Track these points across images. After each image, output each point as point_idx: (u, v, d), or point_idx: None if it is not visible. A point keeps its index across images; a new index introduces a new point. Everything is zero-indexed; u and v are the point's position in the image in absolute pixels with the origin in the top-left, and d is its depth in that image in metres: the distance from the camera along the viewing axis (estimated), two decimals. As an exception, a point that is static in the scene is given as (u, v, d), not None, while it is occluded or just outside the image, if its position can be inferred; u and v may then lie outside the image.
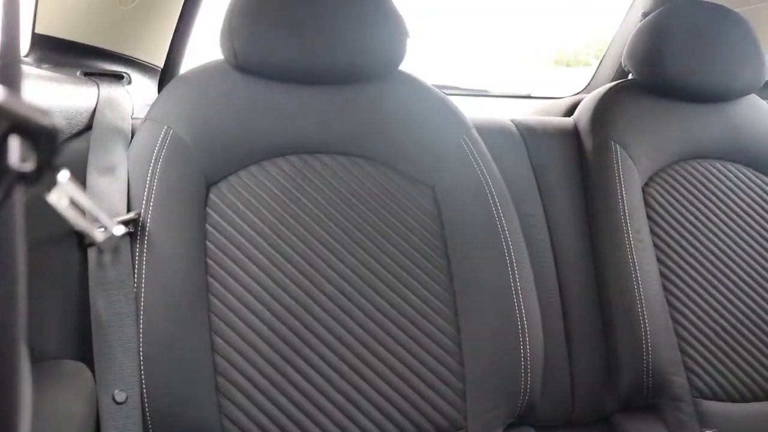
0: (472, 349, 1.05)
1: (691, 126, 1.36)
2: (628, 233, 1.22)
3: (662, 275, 1.24)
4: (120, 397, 0.89)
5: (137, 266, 0.95)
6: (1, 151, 0.32)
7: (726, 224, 1.31)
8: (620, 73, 1.77)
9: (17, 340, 0.35)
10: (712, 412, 1.19)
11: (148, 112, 1.06)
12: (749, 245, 1.31)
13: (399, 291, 1.06)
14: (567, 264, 1.27)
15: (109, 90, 1.15)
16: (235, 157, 1.05)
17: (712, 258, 1.28)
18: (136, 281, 0.94)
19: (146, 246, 0.96)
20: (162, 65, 1.37)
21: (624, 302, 1.19)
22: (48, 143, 0.33)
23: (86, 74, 1.19)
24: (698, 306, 1.24)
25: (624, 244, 1.21)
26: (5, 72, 0.36)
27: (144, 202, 0.98)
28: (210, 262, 1.00)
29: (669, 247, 1.27)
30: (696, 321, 1.23)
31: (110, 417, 0.88)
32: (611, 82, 1.45)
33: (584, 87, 1.90)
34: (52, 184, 0.78)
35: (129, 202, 0.99)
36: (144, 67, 1.31)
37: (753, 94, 1.44)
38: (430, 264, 1.09)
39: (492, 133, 1.27)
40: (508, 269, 1.08)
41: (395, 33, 1.12)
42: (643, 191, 1.29)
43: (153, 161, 1.00)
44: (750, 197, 1.35)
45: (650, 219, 1.27)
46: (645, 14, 1.63)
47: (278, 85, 1.10)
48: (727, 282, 1.27)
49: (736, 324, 1.25)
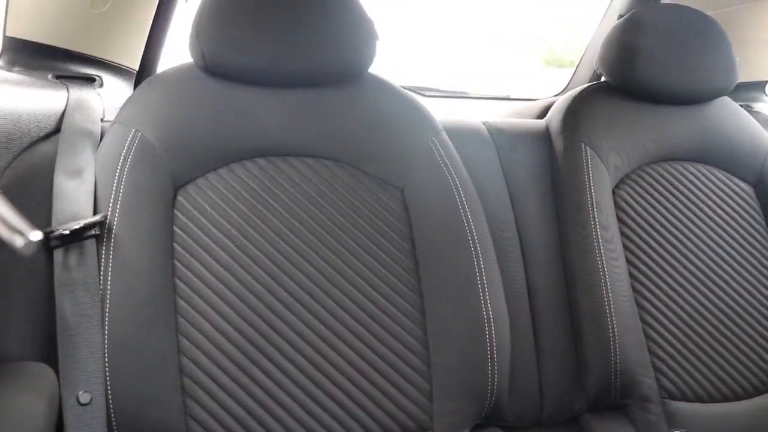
0: (439, 350, 1.06)
1: (663, 128, 1.36)
2: (597, 235, 1.22)
3: (632, 276, 1.25)
4: (84, 399, 0.89)
5: (103, 268, 0.95)
6: None
7: (697, 226, 1.32)
8: (597, 76, 1.78)
9: None
10: (681, 413, 1.20)
11: (117, 116, 1.07)
12: (720, 247, 1.32)
13: (366, 292, 1.07)
14: (536, 265, 1.27)
15: (80, 93, 1.15)
16: (203, 160, 1.06)
17: (683, 259, 1.29)
18: (102, 283, 0.94)
19: (112, 248, 0.96)
20: (137, 68, 1.37)
21: (592, 303, 1.20)
22: None
23: (58, 77, 1.19)
24: (667, 307, 1.25)
25: (592, 246, 1.22)
26: None
27: (110, 205, 0.98)
28: (177, 264, 1.00)
29: (639, 249, 1.27)
30: (665, 322, 1.24)
31: (74, 418, 0.88)
32: (583, 84, 1.45)
33: (562, 89, 1.91)
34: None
35: (96, 205, 0.99)
36: (118, 70, 1.31)
37: (725, 97, 1.44)
38: (398, 265, 1.09)
39: (462, 136, 1.28)
40: (476, 271, 1.09)
41: (364, 36, 1.13)
42: (614, 193, 1.29)
43: (120, 164, 1.01)
44: (721, 199, 1.36)
45: (620, 221, 1.28)
46: (621, 16, 1.64)
47: (247, 88, 1.10)
48: (697, 283, 1.28)
49: (706, 325, 1.25)
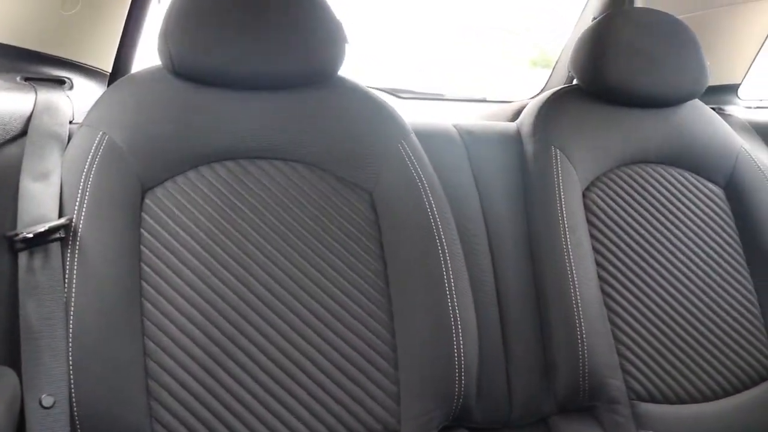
0: (407, 353, 1.06)
1: (634, 131, 1.37)
2: (566, 237, 1.23)
3: (601, 279, 1.26)
4: (47, 402, 0.89)
5: (68, 271, 0.95)
6: None
7: (667, 228, 1.33)
8: (572, 78, 1.79)
9: None
10: (649, 414, 1.21)
11: (84, 118, 1.07)
12: (690, 249, 1.33)
13: (334, 295, 1.07)
14: (505, 268, 1.27)
15: (48, 95, 1.15)
16: (172, 163, 1.06)
17: (652, 262, 1.29)
18: (67, 286, 0.94)
19: (77, 251, 0.96)
20: (110, 69, 1.37)
21: (560, 306, 1.21)
22: None
23: (27, 79, 1.19)
24: (636, 309, 1.26)
25: (561, 248, 1.22)
26: None
27: (76, 208, 0.98)
28: (144, 267, 1.00)
29: (609, 251, 1.28)
30: (634, 324, 1.25)
31: (37, 421, 0.88)
32: (555, 88, 1.46)
33: (539, 91, 1.92)
34: None
35: (62, 208, 0.99)
36: (90, 72, 1.31)
37: (696, 100, 1.45)
38: (367, 268, 1.10)
39: (432, 138, 1.28)
40: (444, 274, 1.09)
41: (333, 39, 1.13)
42: (584, 196, 1.30)
43: (87, 167, 1.01)
44: (692, 201, 1.37)
45: (590, 223, 1.29)
46: (595, 19, 1.65)
47: (215, 91, 1.10)
48: (667, 285, 1.29)
49: (675, 327, 1.26)
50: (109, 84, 1.36)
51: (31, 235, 0.93)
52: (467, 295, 1.11)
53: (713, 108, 1.65)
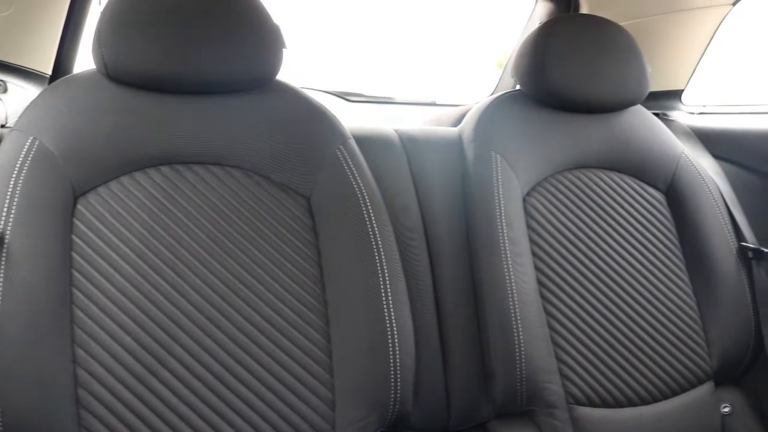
0: (342, 359, 1.06)
1: (576, 136, 1.38)
2: (504, 243, 1.23)
3: (541, 284, 1.26)
4: None
5: None
6: None
7: (607, 233, 1.34)
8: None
9: None
10: (586, 418, 1.22)
11: (15, 123, 1.05)
12: (630, 254, 1.34)
13: (269, 301, 1.06)
14: (444, 273, 1.27)
15: None
16: (105, 168, 1.05)
17: (592, 267, 1.31)
18: None
19: (4, 258, 0.94)
20: (50, 72, 1.35)
21: (498, 311, 1.21)
22: None
23: None
24: (575, 314, 1.27)
25: (500, 254, 1.23)
26: None
27: (4, 214, 0.97)
28: (75, 274, 0.99)
29: (548, 257, 1.29)
30: (573, 329, 1.26)
31: None
32: (498, 93, 1.46)
33: (489, 95, 1.93)
34: None
35: None
36: (27, 74, 1.29)
37: (639, 105, 1.47)
38: (303, 274, 1.09)
39: (372, 143, 1.28)
40: (380, 280, 1.09)
41: (270, 44, 1.12)
42: (525, 201, 1.30)
43: (16, 172, 0.99)
44: (633, 206, 1.38)
45: (531, 228, 1.29)
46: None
47: (150, 95, 1.09)
48: (606, 290, 1.30)
49: (613, 331, 1.28)
50: None
51: None
52: (404, 301, 1.11)
53: (657, 113, 1.68)
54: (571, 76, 1.34)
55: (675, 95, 1.78)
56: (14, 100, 1.22)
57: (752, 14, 1.71)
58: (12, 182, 0.98)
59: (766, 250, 1.37)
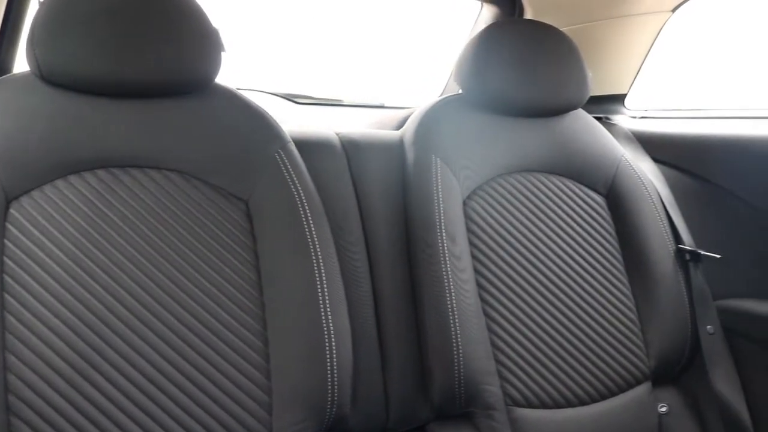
0: (280, 363, 1.06)
1: (517, 140, 1.39)
2: (443, 246, 1.24)
3: (480, 287, 1.27)
4: None
5: None
6: None
7: (547, 236, 1.36)
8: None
9: None
10: (525, 419, 1.23)
11: None
12: (570, 256, 1.36)
13: (206, 305, 1.06)
14: (384, 276, 1.28)
15: None
16: (39, 172, 1.03)
17: (532, 269, 1.32)
18: None
19: None
20: None
21: (437, 314, 1.22)
22: None
23: None
24: (514, 316, 1.28)
25: (439, 257, 1.23)
26: None
27: None
28: (6, 279, 0.98)
29: (488, 259, 1.30)
30: (512, 330, 1.27)
31: None
32: (440, 97, 1.47)
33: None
34: None
35: None
36: None
37: (580, 110, 1.49)
38: (240, 278, 1.09)
39: (313, 147, 1.28)
40: (317, 284, 1.09)
41: (208, 47, 1.12)
42: (465, 204, 1.31)
43: None
44: (573, 209, 1.40)
45: (471, 231, 1.30)
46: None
47: (86, 98, 1.08)
48: (546, 293, 1.31)
49: (552, 332, 1.29)
50: None
51: None
52: (342, 305, 1.11)
53: (600, 117, 1.70)
54: (511, 81, 1.36)
55: (618, 99, 1.81)
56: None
57: (694, 20, 1.75)
58: None
59: (703, 252, 1.40)
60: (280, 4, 2.34)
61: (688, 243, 1.43)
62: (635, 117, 1.78)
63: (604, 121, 1.70)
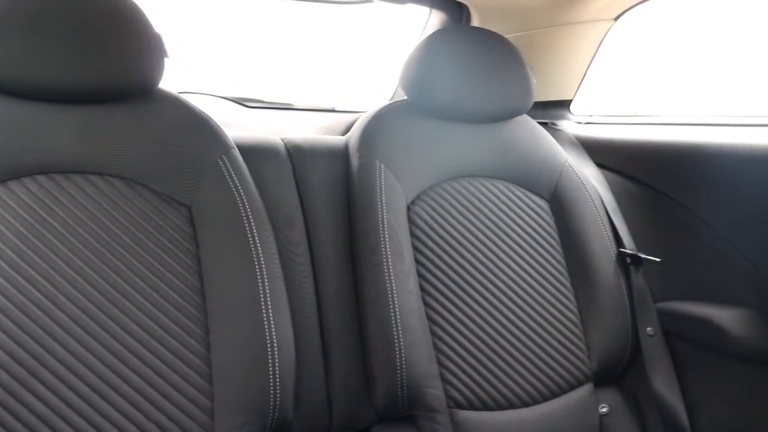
0: (222, 368, 1.06)
1: (460, 146, 1.41)
2: (386, 251, 1.25)
3: (424, 291, 1.29)
4: None
5: None
6: None
7: (491, 240, 1.37)
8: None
9: None
10: (467, 422, 1.25)
11: None
12: (513, 261, 1.38)
13: (148, 311, 1.06)
14: (327, 281, 1.29)
15: None
16: None
17: (476, 273, 1.33)
18: None
19: None
20: None
21: (379, 317, 1.23)
22: None
23: None
24: (457, 319, 1.29)
25: (381, 261, 1.24)
26: None
27: None
28: None
29: (432, 264, 1.31)
30: (455, 334, 1.28)
31: None
32: (386, 103, 1.48)
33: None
34: None
35: None
36: None
37: (525, 115, 1.51)
38: (182, 284, 1.09)
39: (257, 153, 1.28)
40: (260, 289, 1.09)
41: (150, 53, 1.12)
42: (409, 209, 1.33)
43: None
44: (517, 214, 1.42)
45: (414, 236, 1.32)
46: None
47: (26, 103, 1.07)
48: (489, 296, 1.33)
49: (495, 335, 1.31)
50: None
51: None
52: (284, 310, 1.12)
53: (546, 122, 1.73)
54: (455, 88, 1.37)
55: (564, 105, 1.83)
56: None
57: (639, 28, 1.79)
58: None
59: (644, 256, 1.43)
60: (234, 9, 2.33)
61: (630, 247, 1.46)
62: (580, 122, 1.81)
63: (550, 127, 1.73)
